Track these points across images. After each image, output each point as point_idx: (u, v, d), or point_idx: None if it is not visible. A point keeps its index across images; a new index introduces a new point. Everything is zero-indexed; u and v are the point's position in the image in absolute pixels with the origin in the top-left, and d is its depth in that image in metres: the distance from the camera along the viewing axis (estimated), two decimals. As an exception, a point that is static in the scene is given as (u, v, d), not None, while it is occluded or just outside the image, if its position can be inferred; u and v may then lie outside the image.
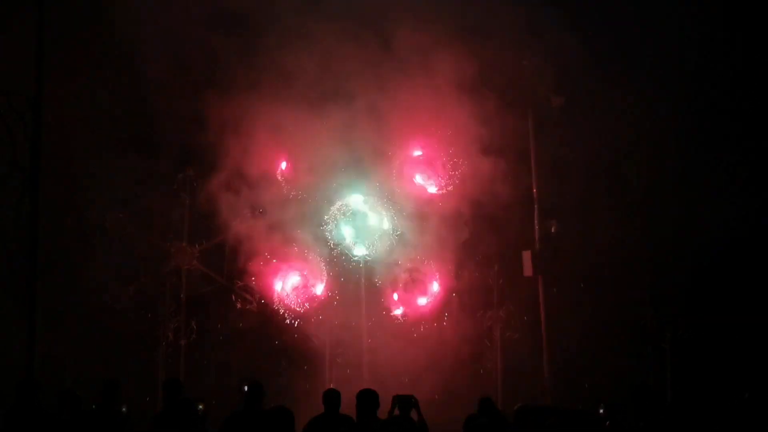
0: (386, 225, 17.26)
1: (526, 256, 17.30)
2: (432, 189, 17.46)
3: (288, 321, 17.17)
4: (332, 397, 8.39)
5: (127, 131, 16.86)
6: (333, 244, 17.25)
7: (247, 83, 16.48)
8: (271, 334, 17.30)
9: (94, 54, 16.35)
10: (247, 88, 16.44)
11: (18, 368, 12.82)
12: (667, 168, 17.28)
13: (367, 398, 7.89)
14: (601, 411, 12.43)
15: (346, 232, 17.25)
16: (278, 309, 17.14)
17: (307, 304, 17.21)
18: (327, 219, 17.20)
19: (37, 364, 12.68)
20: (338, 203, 17.24)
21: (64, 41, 14.78)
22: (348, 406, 8.33)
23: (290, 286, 17.20)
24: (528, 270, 17.36)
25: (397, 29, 16.25)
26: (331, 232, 17.22)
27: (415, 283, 17.33)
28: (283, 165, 17.36)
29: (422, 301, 17.37)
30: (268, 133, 16.81)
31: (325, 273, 17.23)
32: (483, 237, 17.63)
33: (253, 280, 17.15)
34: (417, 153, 17.62)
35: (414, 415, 8.18)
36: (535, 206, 17.68)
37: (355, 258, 17.29)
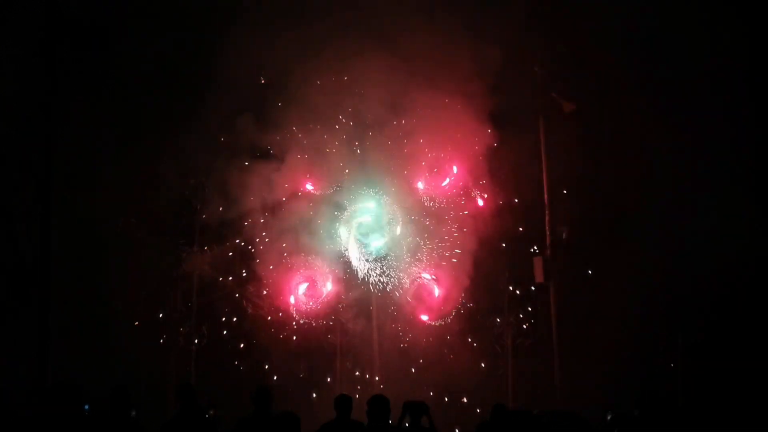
0: (398, 231, 17.27)
1: (538, 262, 17.27)
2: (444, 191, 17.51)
3: (298, 325, 17.18)
4: (344, 402, 8.37)
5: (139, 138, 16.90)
6: (344, 249, 17.26)
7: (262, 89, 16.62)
8: (282, 339, 17.29)
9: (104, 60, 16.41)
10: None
11: (32, 374, 12.88)
12: (682, 172, 17.20)
13: (379, 404, 7.85)
14: (609, 418, 12.40)
15: (358, 237, 17.26)
16: (289, 314, 17.14)
17: (317, 306, 17.24)
18: (339, 224, 17.21)
19: (50, 368, 12.72)
20: (351, 208, 17.26)
21: (74, 46, 14.85)
22: (359, 412, 8.31)
23: (301, 291, 17.21)
24: (539, 276, 17.32)
25: (408, 37, 16.27)
26: (342, 237, 17.24)
27: (426, 288, 17.31)
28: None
29: (433, 307, 17.33)
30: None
31: (336, 278, 17.23)
32: (495, 244, 17.62)
33: (264, 286, 17.17)
34: (429, 159, 17.63)
35: (425, 421, 8.14)
36: (546, 213, 17.63)
37: (367, 263, 17.29)
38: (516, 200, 17.80)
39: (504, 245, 17.81)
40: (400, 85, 16.68)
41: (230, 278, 17.64)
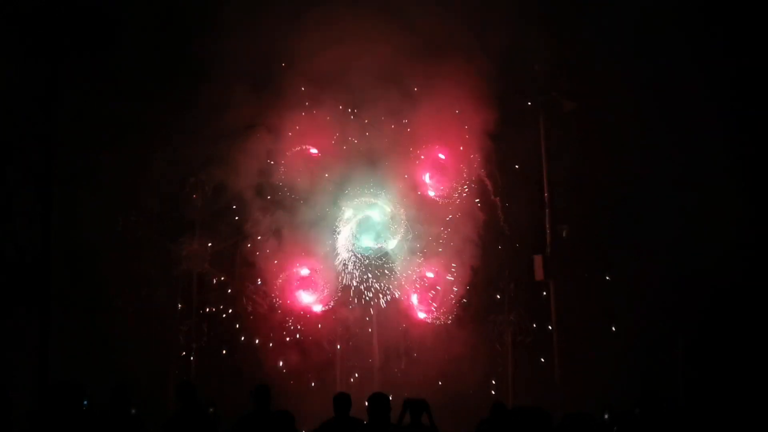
0: (398, 228, 17.27)
1: (538, 260, 17.26)
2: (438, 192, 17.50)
3: (299, 324, 17.19)
4: (342, 401, 8.40)
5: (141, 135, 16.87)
6: (345, 247, 17.27)
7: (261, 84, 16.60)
8: (282, 337, 17.29)
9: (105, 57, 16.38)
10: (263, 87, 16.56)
11: (32, 369, 12.90)
12: (683, 172, 17.17)
13: (379, 402, 7.85)
14: (606, 416, 12.43)
15: (357, 235, 17.26)
16: (289, 312, 17.15)
17: (318, 307, 17.25)
18: (339, 222, 17.21)
19: (49, 365, 12.75)
20: (350, 206, 17.26)
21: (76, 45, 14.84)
22: (359, 410, 8.33)
23: (302, 289, 17.22)
24: (539, 274, 17.30)
25: (409, 32, 16.27)
26: (342, 234, 17.24)
27: (426, 287, 17.31)
28: (314, 150, 17.35)
29: (433, 304, 17.34)
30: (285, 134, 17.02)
31: (336, 276, 17.23)
32: (495, 241, 17.63)
33: (264, 284, 17.19)
34: (428, 157, 17.63)
35: (425, 419, 8.14)
36: (547, 210, 17.62)
37: (367, 261, 17.29)
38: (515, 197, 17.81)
39: (504, 242, 17.81)
40: (398, 79, 16.70)
41: (230, 275, 17.63)
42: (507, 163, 17.86)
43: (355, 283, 17.30)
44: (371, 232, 17.22)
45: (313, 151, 17.28)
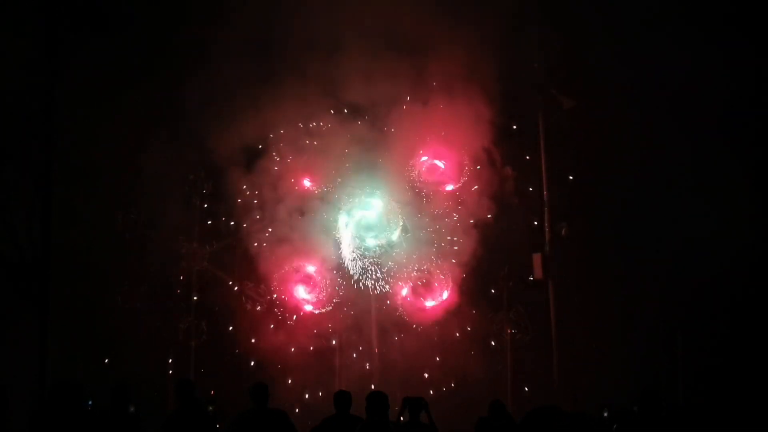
0: (397, 226, 17.27)
1: (536, 258, 17.26)
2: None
3: (296, 322, 17.21)
4: (343, 398, 8.45)
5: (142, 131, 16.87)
6: (343, 245, 17.28)
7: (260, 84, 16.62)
8: (281, 335, 17.31)
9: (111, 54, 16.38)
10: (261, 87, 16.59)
11: (31, 368, 12.93)
12: (682, 170, 17.17)
13: (377, 400, 7.89)
14: (605, 414, 12.47)
15: (357, 232, 17.27)
16: (288, 310, 17.17)
17: (317, 309, 17.26)
18: (337, 219, 17.22)
19: (49, 364, 12.78)
20: (349, 203, 17.26)
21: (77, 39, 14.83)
22: (358, 408, 8.36)
23: (300, 287, 17.24)
24: (538, 272, 17.30)
25: (405, 30, 16.28)
26: (341, 232, 17.25)
27: (425, 284, 17.32)
28: (307, 182, 17.41)
29: (432, 303, 17.34)
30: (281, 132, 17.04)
31: (335, 274, 17.24)
32: (494, 239, 17.63)
33: (263, 282, 17.20)
34: (427, 157, 17.64)
35: (424, 417, 8.17)
36: (546, 209, 17.63)
37: (366, 258, 17.29)
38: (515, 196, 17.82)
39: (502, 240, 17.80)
40: (396, 77, 16.72)
41: (230, 274, 17.64)
42: (506, 160, 17.87)
43: (353, 281, 17.33)
44: (370, 228, 17.24)
45: (307, 183, 17.32)
